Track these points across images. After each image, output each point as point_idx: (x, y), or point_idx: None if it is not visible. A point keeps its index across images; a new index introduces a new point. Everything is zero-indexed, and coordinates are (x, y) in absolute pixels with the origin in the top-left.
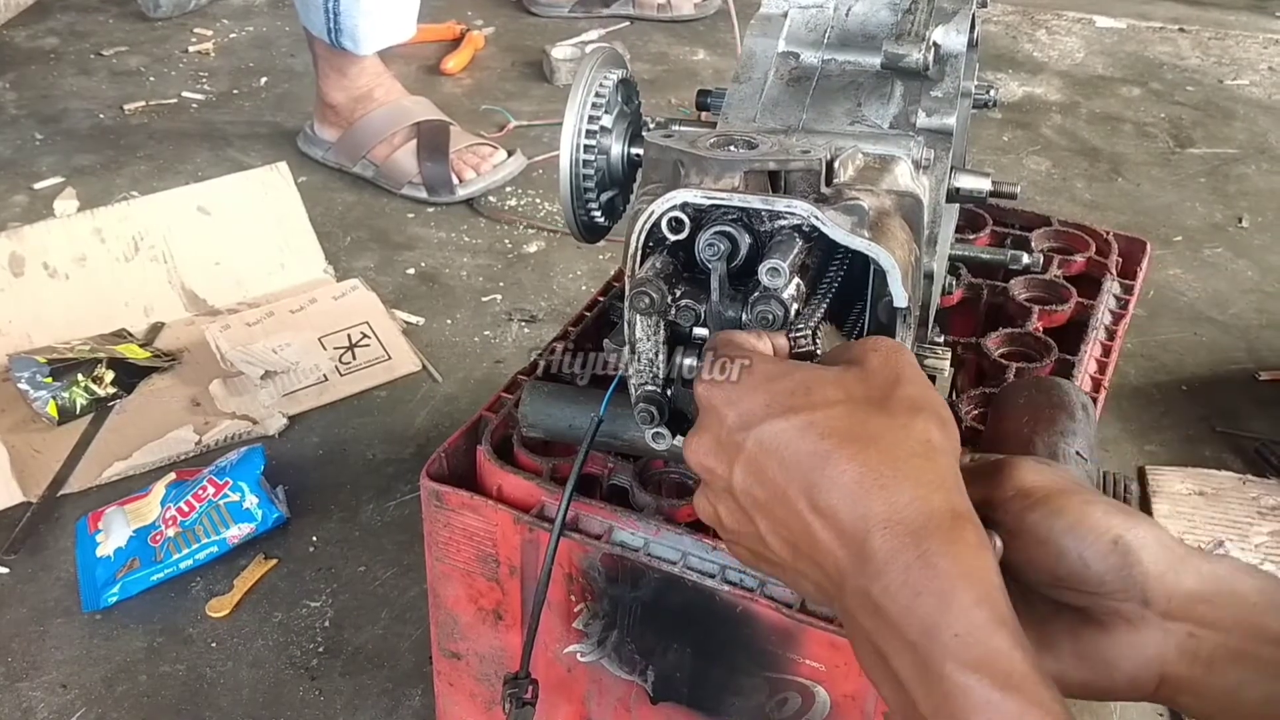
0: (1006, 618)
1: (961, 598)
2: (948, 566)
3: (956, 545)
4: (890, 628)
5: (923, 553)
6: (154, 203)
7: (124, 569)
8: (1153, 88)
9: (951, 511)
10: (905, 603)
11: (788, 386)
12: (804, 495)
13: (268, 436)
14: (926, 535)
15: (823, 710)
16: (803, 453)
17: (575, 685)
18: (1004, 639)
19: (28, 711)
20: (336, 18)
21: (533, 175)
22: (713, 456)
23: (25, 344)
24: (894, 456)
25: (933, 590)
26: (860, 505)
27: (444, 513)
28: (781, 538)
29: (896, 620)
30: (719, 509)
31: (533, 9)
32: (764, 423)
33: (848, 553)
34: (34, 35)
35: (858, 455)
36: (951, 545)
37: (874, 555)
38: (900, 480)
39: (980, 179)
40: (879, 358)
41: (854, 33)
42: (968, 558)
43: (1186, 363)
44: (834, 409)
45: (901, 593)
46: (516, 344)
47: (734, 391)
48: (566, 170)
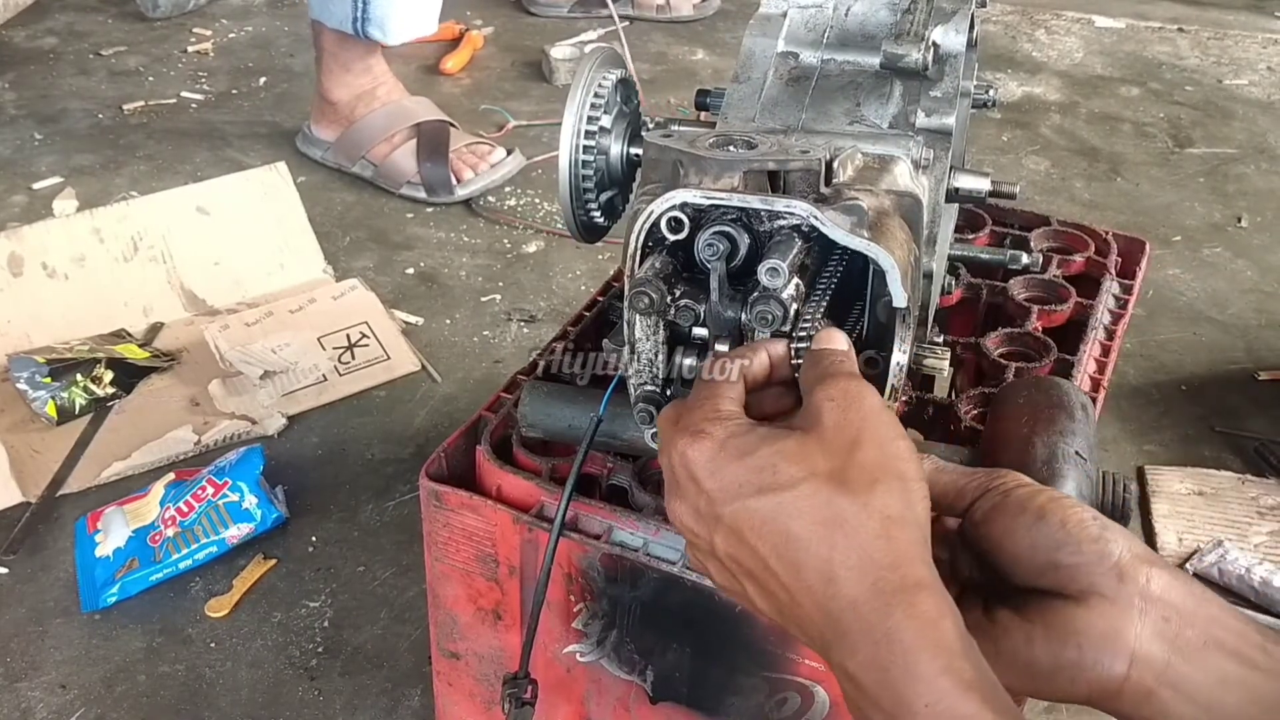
0: (973, 680)
1: (927, 669)
2: (911, 640)
3: (918, 620)
4: (868, 699)
5: (887, 630)
6: (153, 203)
7: (123, 569)
8: (1152, 88)
9: (914, 585)
10: (876, 677)
11: (756, 464)
12: (783, 572)
13: (267, 436)
14: (890, 612)
15: (822, 710)
16: (776, 533)
17: (574, 685)
18: (972, 703)
19: (27, 712)
20: (366, 6)
21: (532, 175)
22: (694, 522)
23: (24, 344)
24: (857, 540)
25: (899, 665)
26: (830, 586)
27: (443, 513)
28: (769, 603)
29: (872, 693)
30: (708, 566)
31: (532, 9)
32: (737, 500)
33: (827, 630)
34: (33, 35)
35: (825, 539)
36: (913, 620)
37: (846, 633)
38: (864, 563)
39: (979, 179)
40: (835, 412)
41: (853, 32)
42: (929, 630)
43: (1186, 362)
44: (799, 489)
45: (872, 668)
46: (516, 344)
47: (705, 466)
48: (566, 170)
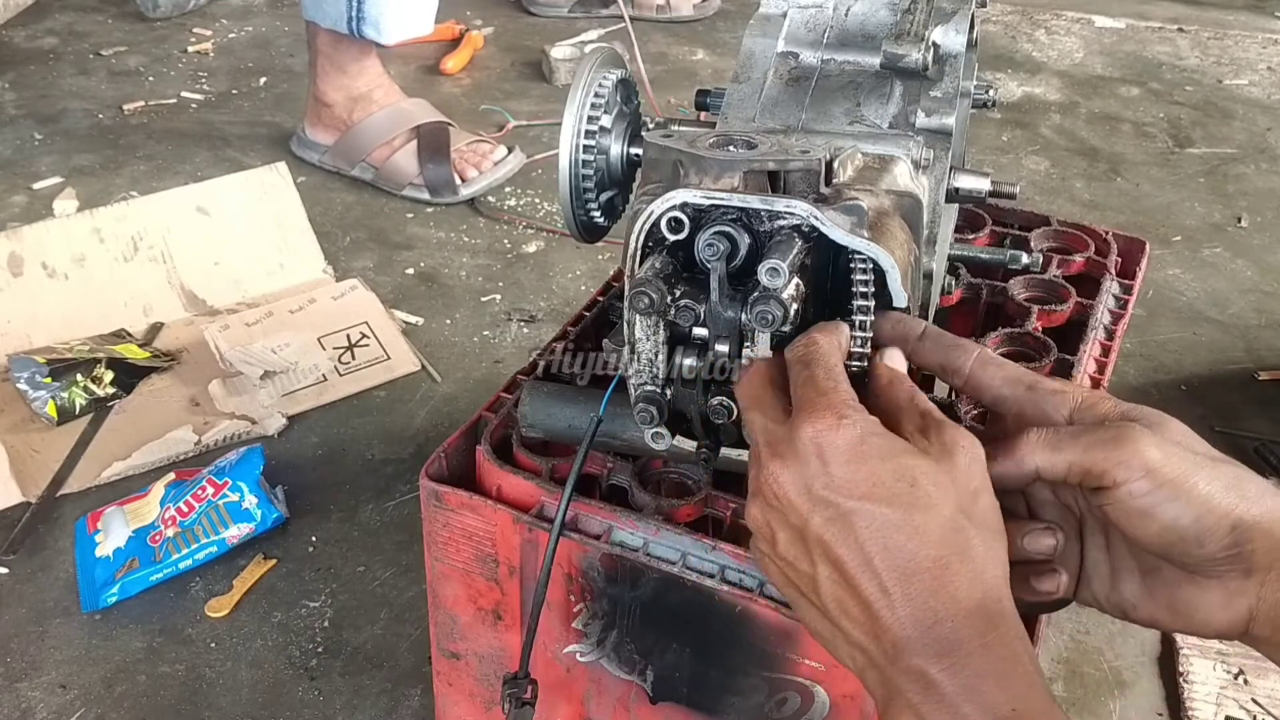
0: (1052, 698)
1: (1018, 680)
2: (1005, 655)
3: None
4: (946, 703)
5: (983, 644)
6: (153, 203)
7: (123, 569)
8: (1152, 87)
9: (1013, 615)
10: (965, 683)
11: (893, 471)
12: (886, 576)
13: (267, 436)
14: (986, 632)
15: (822, 710)
16: (894, 544)
17: (574, 685)
18: (1060, 714)
19: (27, 712)
20: (361, 6)
21: (532, 175)
22: (798, 496)
23: (24, 344)
24: (972, 567)
25: (992, 674)
26: (935, 599)
27: (443, 513)
28: (838, 596)
29: (953, 697)
30: (777, 533)
31: (532, 9)
32: (865, 500)
33: (914, 634)
34: (33, 35)
35: (942, 561)
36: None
37: (939, 642)
38: (971, 590)
39: (979, 179)
40: (966, 458)
41: (853, 32)
42: (1021, 651)
43: (1185, 362)
44: (930, 514)
45: (962, 675)
46: (516, 344)
47: (842, 453)
48: (566, 170)
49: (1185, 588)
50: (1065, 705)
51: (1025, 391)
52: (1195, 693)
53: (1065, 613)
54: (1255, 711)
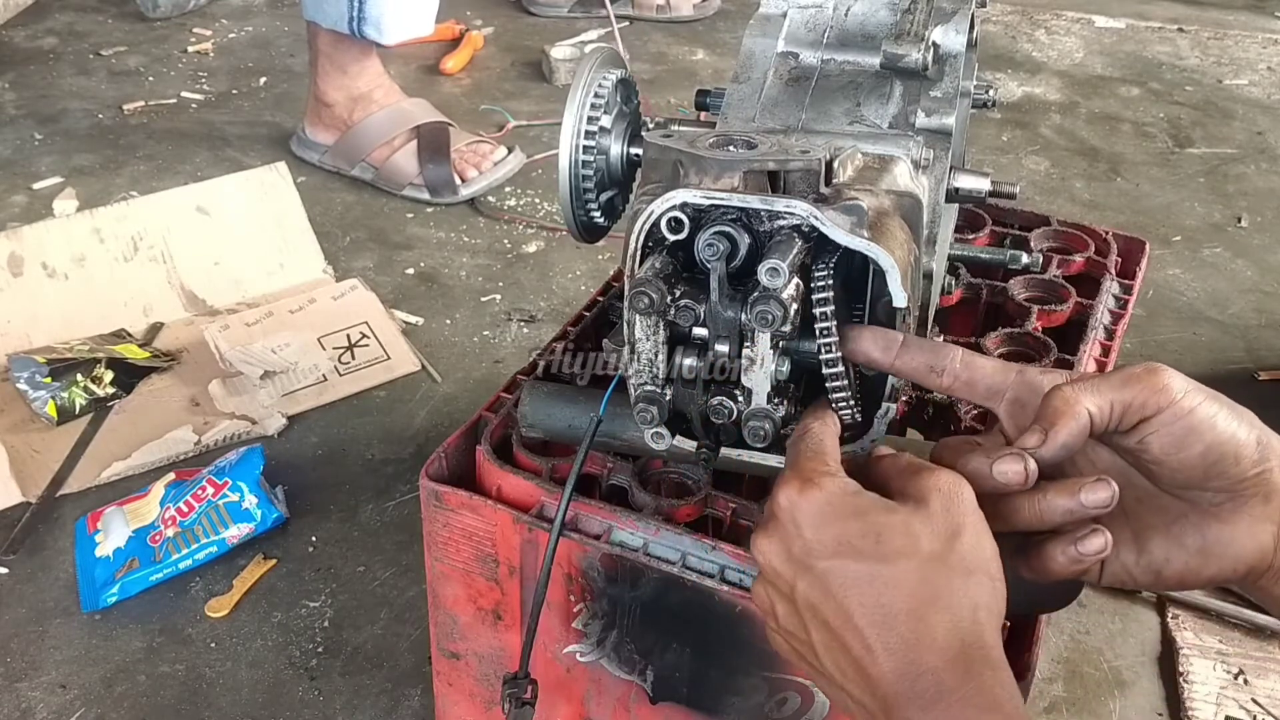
0: None
1: None
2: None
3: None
4: None
5: (964, 694)
6: (153, 203)
7: (123, 569)
8: (1152, 87)
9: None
10: None
11: (859, 529)
12: (867, 628)
13: (267, 436)
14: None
15: (822, 710)
16: (868, 598)
17: (574, 685)
18: None
19: (27, 712)
20: (362, 6)
21: (532, 175)
22: (781, 563)
23: (24, 344)
24: (950, 616)
25: None
26: (913, 652)
27: (443, 513)
28: (834, 656)
29: None
30: (777, 606)
31: (532, 9)
32: (834, 559)
33: (901, 686)
34: (33, 35)
35: (916, 612)
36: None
37: (924, 693)
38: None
39: (979, 179)
40: (941, 501)
41: (853, 33)
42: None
43: (1185, 362)
44: (899, 565)
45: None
46: (516, 344)
47: (810, 515)
48: (565, 170)
49: (1213, 526)
50: (1065, 705)
51: (1017, 376)
52: (1195, 693)
53: (1065, 612)
54: (1255, 711)
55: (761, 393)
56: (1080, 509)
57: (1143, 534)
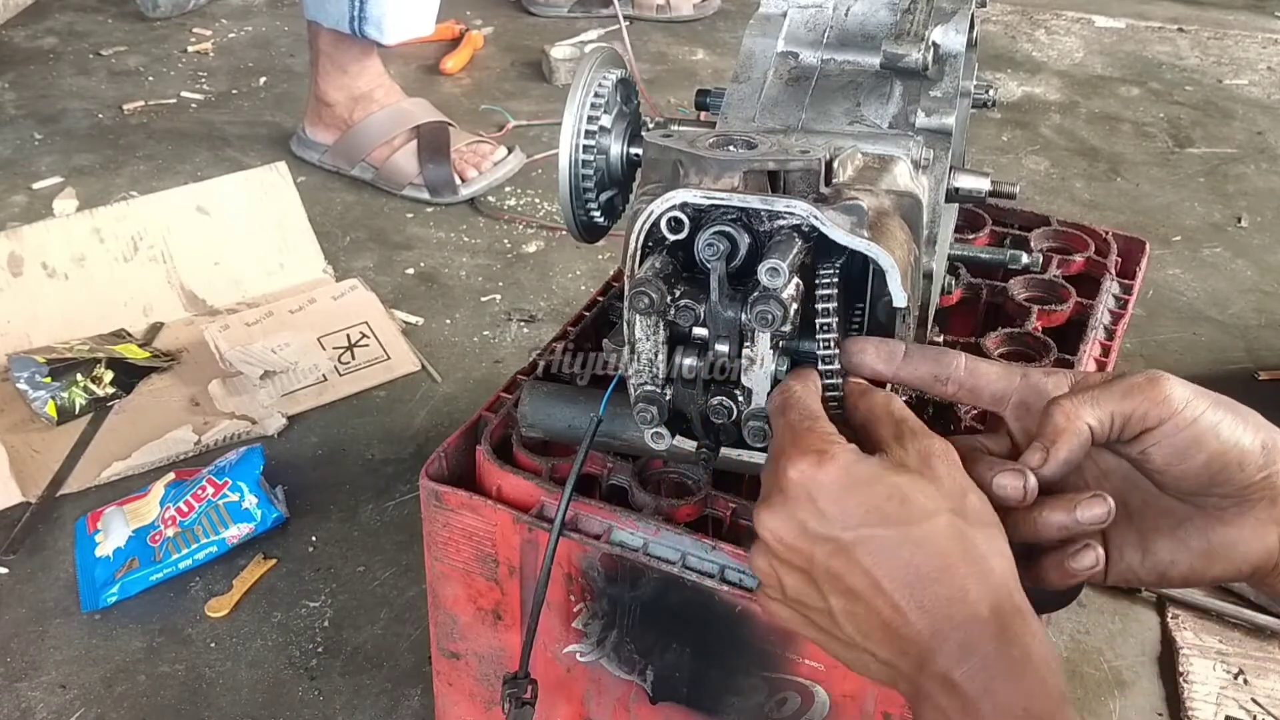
0: (1067, 694)
1: (1030, 679)
2: (1019, 655)
3: (1025, 637)
4: (969, 704)
5: (998, 644)
6: (153, 203)
7: (123, 569)
8: (1152, 87)
9: (1026, 610)
10: (984, 685)
11: (883, 493)
12: (897, 594)
13: (267, 436)
14: (1000, 631)
15: (822, 710)
16: (901, 561)
17: (574, 685)
18: (1070, 712)
19: (27, 712)
20: (363, 6)
21: (532, 175)
22: (795, 537)
23: (24, 344)
24: (976, 570)
25: (1007, 674)
26: (947, 607)
27: (443, 513)
28: (857, 622)
29: (974, 698)
30: (784, 578)
31: (532, 9)
32: (862, 527)
33: (935, 643)
34: (33, 35)
35: (947, 569)
36: (1021, 637)
37: (958, 647)
38: (980, 590)
39: (979, 179)
40: (944, 464)
41: (853, 32)
42: (1034, 646)
43: (1185, 362)
44: (924, 526)
45: (981, 676)
46: (516, 344)
47: (829, 489)
48: (566, 170)
49: (1217, 529)
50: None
51: (1021, 380)
52: (1195, 693)
53: (1065, 613)
54: (1255, 711)
55: (761, 393)
56: (1076, 525)
57: (1148, 536)
